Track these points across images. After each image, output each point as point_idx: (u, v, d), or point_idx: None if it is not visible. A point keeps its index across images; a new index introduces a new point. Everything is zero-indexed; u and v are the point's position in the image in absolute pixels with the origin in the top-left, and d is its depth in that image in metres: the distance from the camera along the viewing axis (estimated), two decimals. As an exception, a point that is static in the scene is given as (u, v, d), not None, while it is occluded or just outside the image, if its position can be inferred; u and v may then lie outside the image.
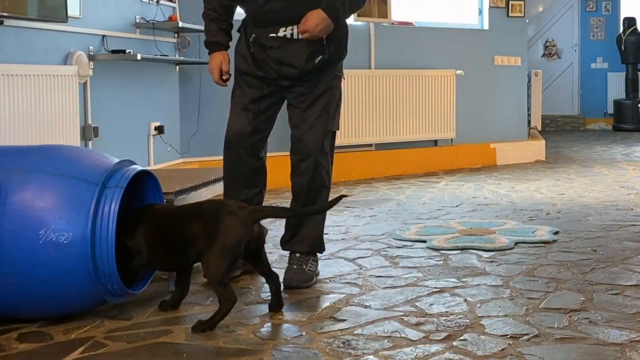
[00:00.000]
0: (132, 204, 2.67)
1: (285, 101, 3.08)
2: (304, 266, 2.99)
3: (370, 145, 6.47)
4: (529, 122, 8.56)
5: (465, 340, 2.24)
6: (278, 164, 5.88)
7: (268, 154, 3.20)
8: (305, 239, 3.04)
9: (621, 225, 4.04)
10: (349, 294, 2.76)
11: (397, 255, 3.40)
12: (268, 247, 2.82)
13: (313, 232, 3.05)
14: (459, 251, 3.47)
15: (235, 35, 3.14)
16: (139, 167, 2.57)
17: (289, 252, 3.07)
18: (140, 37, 5.02)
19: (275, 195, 5.06)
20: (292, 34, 2.91)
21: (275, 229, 3.82)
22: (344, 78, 3.20)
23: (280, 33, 2.91)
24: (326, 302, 2.67)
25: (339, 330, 2.36)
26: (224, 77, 3.07)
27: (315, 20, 2.87)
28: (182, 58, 5.46)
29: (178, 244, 2.48)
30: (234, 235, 2.39)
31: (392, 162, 6.53)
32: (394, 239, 3.78)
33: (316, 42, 2.93)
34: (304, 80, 2.98)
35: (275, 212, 3.01)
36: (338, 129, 3.13)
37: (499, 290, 2.80)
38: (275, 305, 2.57)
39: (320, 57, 2.96)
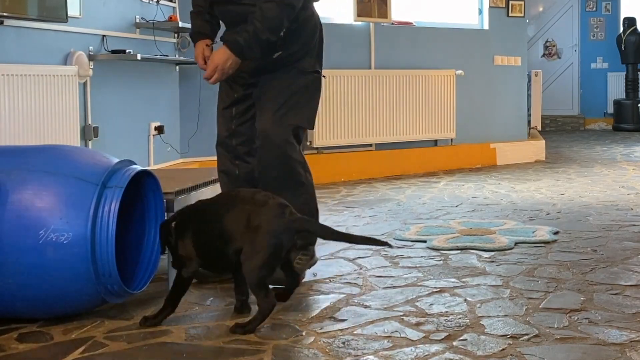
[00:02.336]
0: (132, 204, 2.67)
1: None
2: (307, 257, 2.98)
3: (370, 145, 6.47)
4: (529, 122, 8.56)
5: (465, 340, 2.24)
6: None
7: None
8: None
9: (621, 225, 4.04)
10: (349, 294, 2.76)
11: (397, 255, 3.40)
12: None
13: None
14: (459, 251, 3.47)
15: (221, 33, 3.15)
16: (139, 167, 2.57)
17: None
18: (140, 37, 5.03)
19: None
20: None
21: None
22: (324, 77, 3.16)
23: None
24: (326, 302, 2.66)
25: (339, 330, 2.36)
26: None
27: (222, 57, 2.86)
28: (182, 58, 5.47)
29: (219, 241, 2.41)
30: (276, 242, 2.33)
31: (392, 162, 6.53)
32: (394, 239, 3.78)
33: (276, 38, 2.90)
34: (264, 74, 2.97)
35: (323, 232, 2.56)
36: (309, 127, 3.07)
37: (499, 290, 2.80)
38: (283, 298, 2.53)
39: (279, 52, 2.93)
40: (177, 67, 5.58)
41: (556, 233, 3.84)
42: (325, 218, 4.36)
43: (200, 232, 2.45)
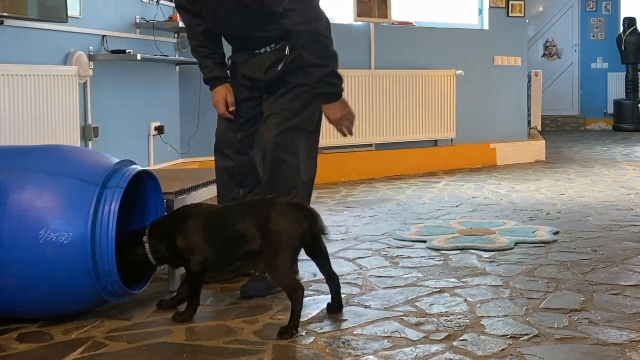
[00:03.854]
0: (132, 204, 2.67)
1: None
2: (266, 274, 2.79)
3: (370, 145, 6.47)
4: (529, 122, 8.55)
5: (465, 340, 2.24)
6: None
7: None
8: None
9: (621, 225, 4.04)
10: (349, 294, 2.76)
11: (397, 255, 3.40)
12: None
13: None
14: (459, 251, 3.47)
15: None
16: (139, 167, 2.57)
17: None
18: (140, 37, 5.02)
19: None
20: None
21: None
22: None
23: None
24: (326, 302, 2.66)
25: (339, 330, 2.36)
26: (230, 109, 3.00)
27: (338, 111, 2.93)
28: (182, 58, 5.47)
29: (228, 242, 2.46)
30: (287, 233, 2.37)
31: (392, 162, 6.53)
32: (394, 239, 3.78)
33: (278, 52, 2.89)
34: (272, 88, 2.95)
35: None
36: (311, 130, 3.02)
37: (499, 290, 2.80)
38: (335, 308, 2.55)
39: (281, 64, 2.90)
40: (177, 67, 5.58)
41: (556, 233, 3.84)
42: (325, 218, 4.34)
43: (212, 233, 2.47)
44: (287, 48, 2.88)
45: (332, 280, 2.56)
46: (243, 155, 3.06)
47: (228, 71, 3.05)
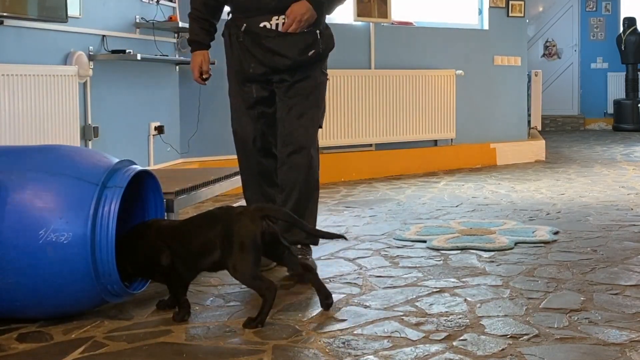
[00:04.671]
0: (132, 204, 2.67)
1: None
2: (309, 257, 3.14)
3: (370, 145, 6.47)
4: (529, 122, 8.56)
5: (465, 340, 2.24)
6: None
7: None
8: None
9: (621, 225, 4.04)
10: (349, 294, 2.76)
11: (397, 255, 3.40)
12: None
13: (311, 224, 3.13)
14: (459, 251, 3.47)
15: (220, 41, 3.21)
16: (139, 167, 2.57)
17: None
18: (140, 37, 5.02)
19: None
20: (283, 24, 3.01)
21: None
22: (328, 78, 3.26)
23: (273, 21, 3.00)
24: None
25: (339, 330, 2.36)
26: (203, 76, 3.17)
27: (301, 9, 2.97)
28: (182, 58, 5.46)
29: (192, 254, 2.46)
30: (248, 231, 2.39)
31: (392, 162, 6.53)
32: (394, 239, 3.78)
33: (310, 36, 3.02)
34: (294, 73, 3.05)
35: (280, 215, 2.71)
36: (321, 127, 3.23)
37: (499, 290, 2.80)
38: (324, 299, 2.55)
39: (313, 50, 3.04)
40: (177, 67, 5.58)
41: (556, 233, 3.84)
42: (325, 218, 4.36)
43: (175, 247, 2.47)
44: (318, 33, 3.05)
45: (309, 270, 2.57)
46: (272, 157, 3.16)
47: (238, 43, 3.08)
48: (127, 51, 4.55)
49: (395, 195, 5.35)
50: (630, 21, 11.66)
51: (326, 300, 2.56)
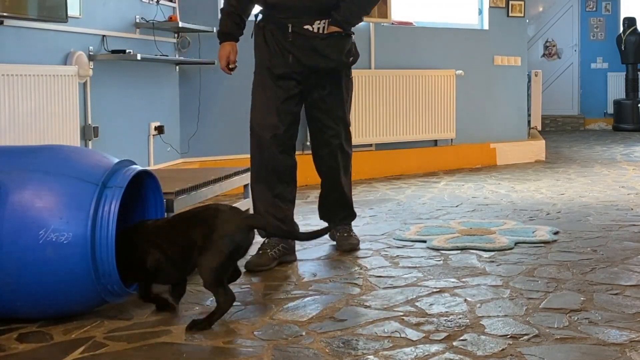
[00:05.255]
0: (132, 204, 2.67)
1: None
2: (352, 233, 3.58)
3: (370, 145, 6.47)
4: (529, 122, 8.55)
5: (465, 340, 2.24)
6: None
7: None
8: (343, 210, 3.55)
9: (621, 225, 4.04)
10: (349, 294, 2.76)
11: (397, 255, 3.40)
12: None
13: (348, 203, 3.56)
14: (459, 251, 3.47)
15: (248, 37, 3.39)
16: (139, 167, 2.57)
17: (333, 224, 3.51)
18: (140, 37, 5.02)
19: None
20: (324, 28, 3.23)
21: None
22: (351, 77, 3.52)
23: (315, 25, 3.21)
24: (326, 302, 2.67)
25: (339, 330, 2.36)
26: (230, 66, 3.33)
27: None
28: (182, 58, 5.47)
29: (179, 253, 2.46)
30: (229, 242, 2.39)
31: (392, 162, 6.53)
32: (394, 239, 3.78)
33: (349, 39, 3.30)
34: (331, 74, 3.29)
35: (273, 229, 2.93)
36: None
37: (499, 290, 2.80)
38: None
39: (352, 58, 3.31)
40: (177, 67, 5.58)
41: (556, 233, 3.84)
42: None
43: (166, 246, 2.47)
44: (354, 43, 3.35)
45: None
46: (291, 156, 3.31)
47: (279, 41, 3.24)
48: (127, 51, 4.55)
49: (395, 195, 5.35)
50: (630, 21, 11.66)
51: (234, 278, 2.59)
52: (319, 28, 3.21)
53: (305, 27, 3.19)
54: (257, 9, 3.37)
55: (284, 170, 3.27)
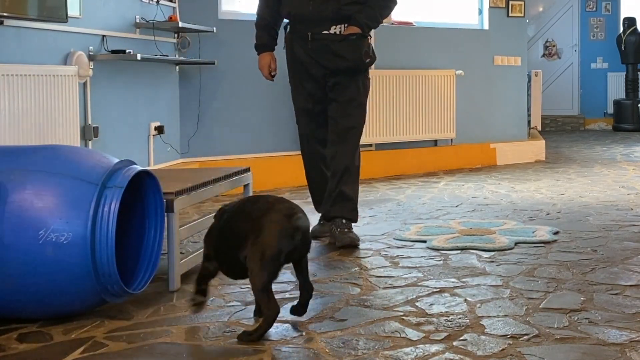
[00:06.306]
0: (132, 204, 2.67)
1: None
2: (352, 231, 3.65)
3: (370, 145, 6.46)
4: (529, 122, 8.55)
5: (465, 340, 2.24)
6: (275, 164, 5.87)
7: (263, 155, 3.48)
8: (346, 207, 3.66)
9: (621, 225, 4.04)
10: (349, 294, 2.76)
11: (397, 255, 3.40)
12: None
13: (352, 202, 3.69)
14: (459, 251, 3.47)
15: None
16: (139, 167, 2.57)
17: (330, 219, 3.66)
18: (140, 37, 5.02)
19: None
20: (340, 31, 3.53)
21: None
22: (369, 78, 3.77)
23: (332, 30, 3.53)
24: (326, 302, 2.67)
25: (339, 330, 2.36)
26: (272, 74, 3.71)
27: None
28: (182, 58, 5.46)
29: (232, 247, 2.35)
30: (275, 245, 2.26)
31: (392, 162, 6.53)
32: (394, 239, 3.78)
33: (365, 40, 3.56)
34: (350, 75, 3.55)
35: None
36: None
37: (499, 290, 2.80)
38: (299, 313, 2.46)
39: (369, 60, 3.57)
40: (177, 67, 5.58)
41: (556, 233, 3.84)
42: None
43: (220, 239, 2.39)
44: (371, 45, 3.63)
45: (306, 289, 2.45)
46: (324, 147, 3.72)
47: (305, 50, 3.60)
48: (127, 51, 4.55)
49: (395, 195, 5.35)
50: (630, 21, 11.66)
51: (299, 313, 2.47)
52: (335, 31, 3.53)
53: (324, 32, 3.53)
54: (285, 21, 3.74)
55: (325, 158, 3.73)
